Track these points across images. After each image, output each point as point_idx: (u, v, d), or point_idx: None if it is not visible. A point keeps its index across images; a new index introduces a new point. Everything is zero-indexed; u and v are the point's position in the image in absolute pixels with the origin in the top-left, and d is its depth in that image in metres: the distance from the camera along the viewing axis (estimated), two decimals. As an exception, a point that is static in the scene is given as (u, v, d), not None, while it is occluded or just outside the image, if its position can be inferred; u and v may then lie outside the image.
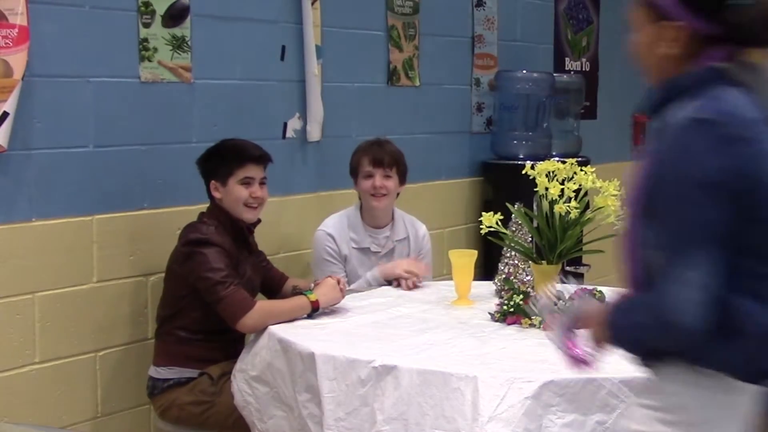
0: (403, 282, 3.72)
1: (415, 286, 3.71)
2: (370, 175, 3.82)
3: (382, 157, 3.83)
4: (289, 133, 4.16)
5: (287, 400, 2.94)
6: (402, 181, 3.89)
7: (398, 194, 3.92)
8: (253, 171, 3.44)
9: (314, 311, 3.23)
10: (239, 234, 3.43)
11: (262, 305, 3.24)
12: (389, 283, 3.75)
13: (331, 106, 4.28)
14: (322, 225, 3.87)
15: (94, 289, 3.47)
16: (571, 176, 3.18)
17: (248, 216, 3.45)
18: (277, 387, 2.99)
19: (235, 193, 3.41)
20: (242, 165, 3.42)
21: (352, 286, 3.75)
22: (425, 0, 4.81)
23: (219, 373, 3.35)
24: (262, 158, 3.48)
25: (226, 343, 3.40)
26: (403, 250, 3.94)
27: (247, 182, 3.41)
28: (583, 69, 6.02)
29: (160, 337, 3.46)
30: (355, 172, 3.88)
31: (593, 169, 3.20)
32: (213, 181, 3.42)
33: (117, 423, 3.58)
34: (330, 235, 3.82)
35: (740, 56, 1.93)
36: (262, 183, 3.46)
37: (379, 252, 3.89)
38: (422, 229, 4.03)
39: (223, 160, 3.43)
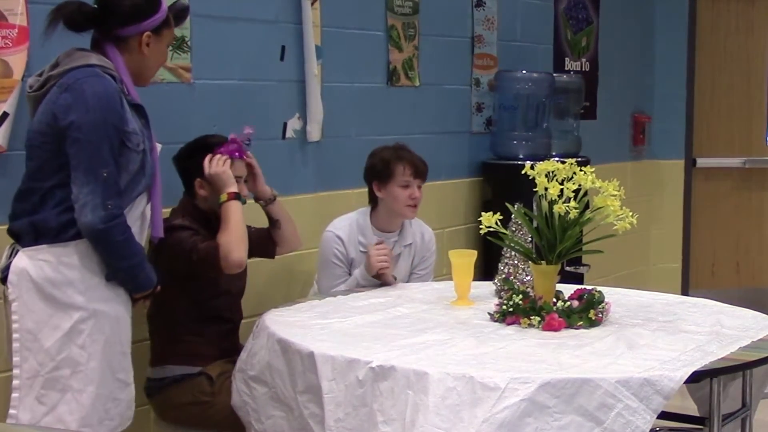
0: (383, 273, 3.71)
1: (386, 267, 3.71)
2: (407, 185, 3.80)
3: (423, 169, 3.83)
4: (289, 133, 4.16)
5: (286, 400, 2.94)
6: None
7: None
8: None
9: (240, 199, 3.32)
10: (210, 228, 3.42)
11: (222, 243, 3.24)
12: (378, 279, 3.75)
13: (331, 106, 4.28)
14: (331, 226, 3.85)
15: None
16: (570, 176, 3.18)
17: None
18: (275, 387, 2.99)
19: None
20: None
21: (343, 286, 3.75)
22: (425, 0, 4.81)
23: (217, 373, 3.36)
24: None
25: (218, 336, 3.41)
26: (408, 255, 3.93)
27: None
28: (583, 69, 6.02)
29: (150, 336, 3.47)
30: (386, 176, 3.80)
31: (593, 169, 3.20)
32: (199, 180, 3.41)
33: (117, 423, 3.57)
34: (339, 237, 3.81)
35: None
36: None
37: None
38: (428, 232, 4.01)
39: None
